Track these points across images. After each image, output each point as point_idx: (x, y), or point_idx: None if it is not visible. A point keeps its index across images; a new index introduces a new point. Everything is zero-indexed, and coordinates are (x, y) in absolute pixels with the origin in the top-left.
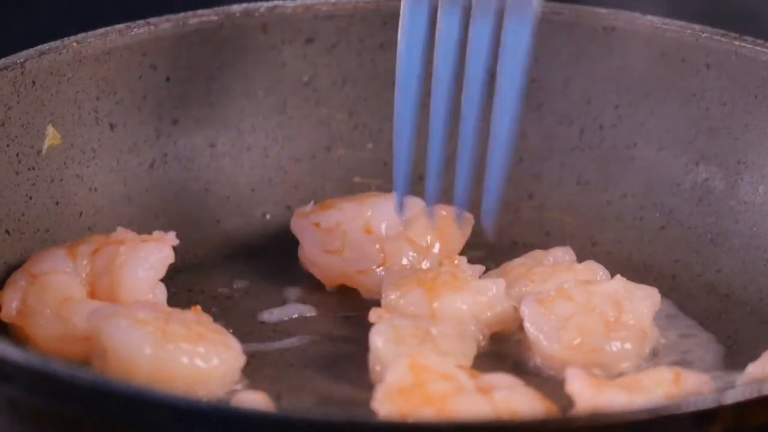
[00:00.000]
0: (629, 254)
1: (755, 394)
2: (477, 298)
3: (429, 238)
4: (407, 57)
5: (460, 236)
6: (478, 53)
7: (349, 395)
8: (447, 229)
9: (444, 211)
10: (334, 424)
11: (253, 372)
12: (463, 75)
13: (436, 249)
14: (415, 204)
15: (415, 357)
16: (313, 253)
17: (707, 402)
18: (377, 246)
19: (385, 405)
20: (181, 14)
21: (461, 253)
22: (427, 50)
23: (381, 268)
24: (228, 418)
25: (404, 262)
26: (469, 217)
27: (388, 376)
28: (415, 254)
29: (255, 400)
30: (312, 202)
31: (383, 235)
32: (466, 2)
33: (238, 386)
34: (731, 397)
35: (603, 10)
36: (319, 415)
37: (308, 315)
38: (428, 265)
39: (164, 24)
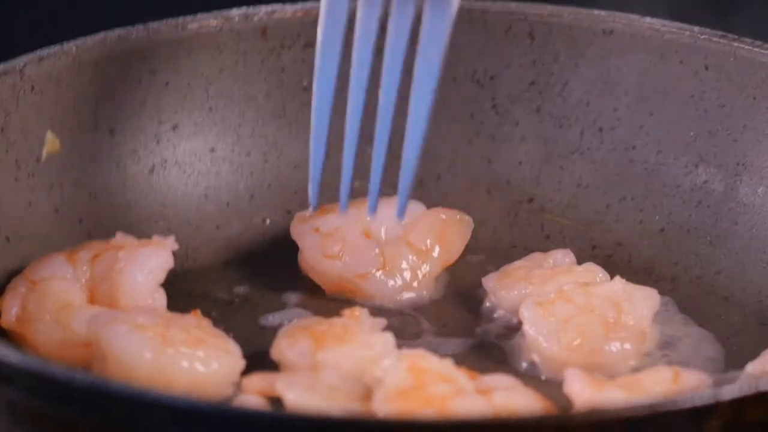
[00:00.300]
0: (629, 256)
1: (753, 390)
2: (363, 352)
3: (429, 241)
4: (325, 53)
5: (459, 240)
6: (395, 46)
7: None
8: (447, 233)
9: (443, 215)
10: (334, 423)
11: None
12: (379, 72)
13: (436, 253)
14: (415, 208)
15: (413, 358)
16: (312, 258)
17: (705, 398)
18: (377, 250)
19: (384, 407)
20: (180, 19)
21: (462, 257)
22: (346, 46)
23: (381, 272)
24: (227, 418)
25: (404, 266)
26: (468, 220)
27: (387, 378)
28: (414, 258)
29: (254, 404)
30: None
31: (383, 239)
32: None
33: (238, 390)
34: (729, 393)
35: (602, 13)
36: (318, 415)
37: None
38: (428, 269)
39: (163, 29)
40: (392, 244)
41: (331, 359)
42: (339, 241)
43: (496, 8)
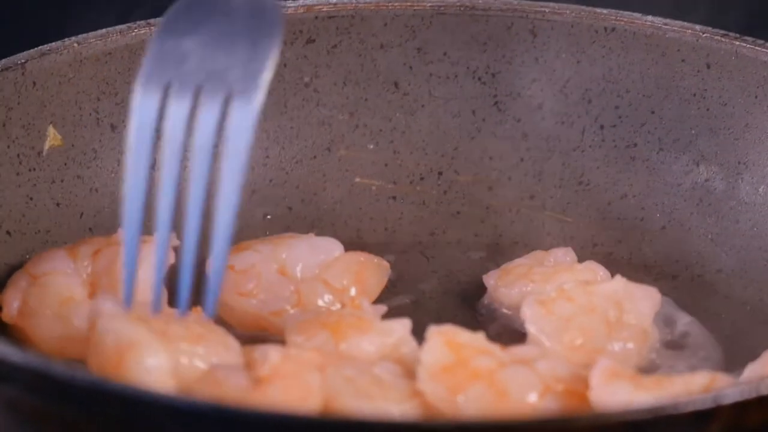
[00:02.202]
0: (630, 255)
1: (753, 394)
2: (384, 339)
3: (345, 281)
4: (138, 143)
5: (376, 283)
6: (203, 136)
7: None
8: (364, 274)
9: (362, 257)
10: (333, 423)
11: None
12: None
13: (353, 292)
14: (333, 249)
15: (448, 334)
16: (227, 295)
17: (706, 402)
18: (292, 288)
19: (430, 384)
20: None
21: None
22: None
23: (295, 309)
24: (227, 418)
25: (320, 303)
26: (386, 266)
27: (424, 355)
28: (330, 296)
29: (275, 349)
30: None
31: (298, 277)
32: (196, 89)
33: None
34: (729, 397)
35: (604, 11)
36: (317, 415)
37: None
38: (338, 307)
39: None
40: (308, 282)
41: (356, 348)
42: (254, 278)
43: (498, 5)
